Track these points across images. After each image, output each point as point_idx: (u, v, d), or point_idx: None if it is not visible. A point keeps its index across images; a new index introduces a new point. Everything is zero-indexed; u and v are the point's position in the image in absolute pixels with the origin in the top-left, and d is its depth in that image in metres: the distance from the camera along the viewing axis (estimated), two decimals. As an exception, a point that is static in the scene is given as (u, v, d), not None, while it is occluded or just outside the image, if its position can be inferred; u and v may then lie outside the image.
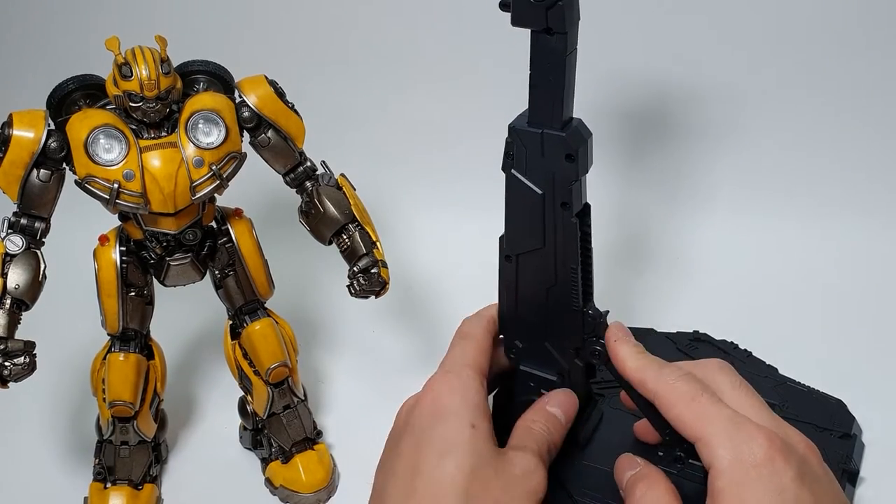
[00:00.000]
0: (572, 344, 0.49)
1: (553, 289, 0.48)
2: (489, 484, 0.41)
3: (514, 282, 0.49)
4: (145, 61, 0.50)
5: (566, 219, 0.45)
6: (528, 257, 0.48)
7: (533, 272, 0.48)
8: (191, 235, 0.55)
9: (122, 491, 0.59)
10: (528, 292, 0.49)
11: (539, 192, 0.45)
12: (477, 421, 0.44)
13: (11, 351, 0.50)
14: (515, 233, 0.47)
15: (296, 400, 0.62)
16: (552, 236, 0.46)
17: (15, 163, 0.50)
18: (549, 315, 0.49)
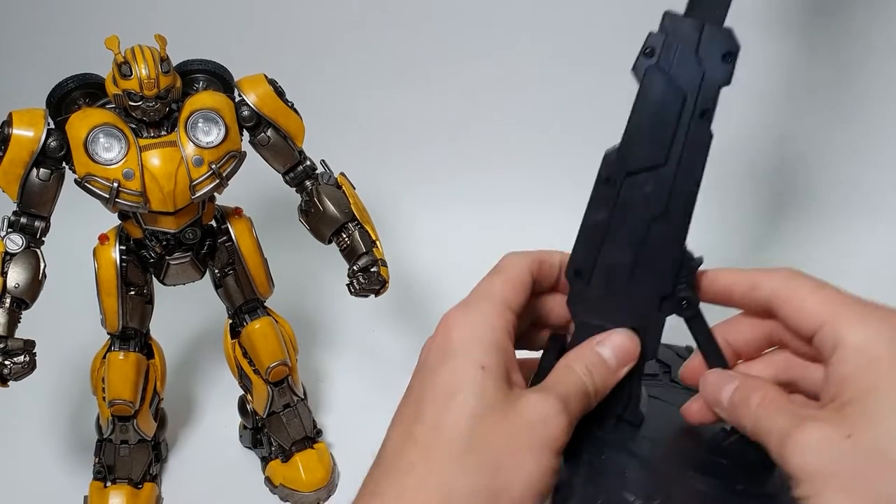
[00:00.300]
0: (660, 291, 0.42)
1: (657, 220, 0.42)
2: (495, 430, 0.37)
3: (609, 211, 0.42)
4: (145, 60, 0.50)
5: (702, 130, 0.40)
6: (637, 179, 0.42)
7: (637, 198, 0.42)
8: (190, 234, 0.55)
9: (121, 490, 0.60)
10: (624, 224, 0.42)
11: (682, 91, 0.40)
12: (488, 360, 0.39)
13: (11, 350, 0.50)
14: (634, 145, 0.41)
15: (295, 399, 0.62)
16: (678, 151, 0.41)
17: (15, 162, 0.50)
18: (640, 254, 0.42)
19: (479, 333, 0.39)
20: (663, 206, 0.41)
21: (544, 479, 0.36)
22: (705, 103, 0.40)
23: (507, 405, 0.37)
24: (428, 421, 0.38)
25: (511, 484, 0.36)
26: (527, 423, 0.37)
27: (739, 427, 0.38)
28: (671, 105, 0.40)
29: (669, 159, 0.41)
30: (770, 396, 0.37)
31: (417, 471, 0.36)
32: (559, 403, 0.38)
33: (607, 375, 0.41)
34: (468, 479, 0.36)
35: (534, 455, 0.36)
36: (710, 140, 0.40)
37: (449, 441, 0.37)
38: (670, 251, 0.41)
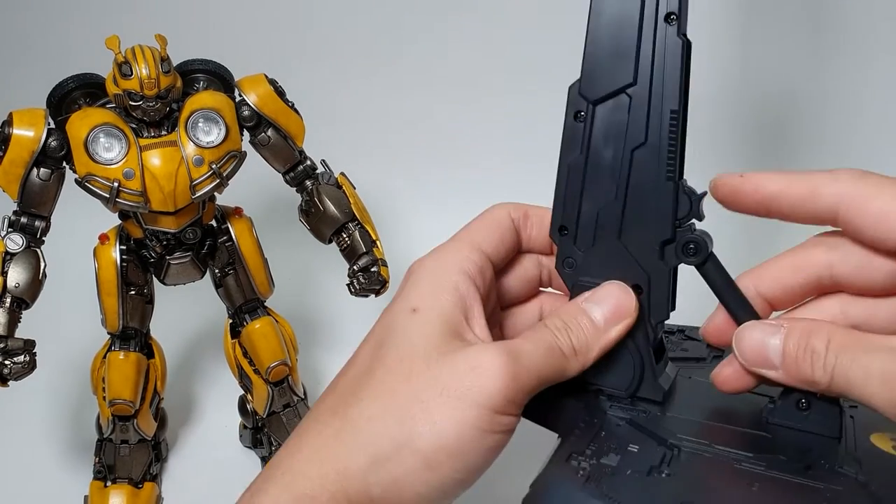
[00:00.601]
0: (659, 235, 0.36)
1: (639, 151, 0.36)
2: (412, 377, 0.33)
3: (585, 149, 0.37)
4: (145, 60, 0.50)
5: (672, 36, 0.35)
6: (608, 109, 0.36)
7: (613, 129, 0.36)
8: (191, 234, 0.55)
9: (122, 489, 0.59)
10: (603, 163, 0.37)
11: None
12: (424, 302, 0.35)
13: (11, 349, 0.50)
14: (596, 66, 0.36)
15: (296, 399, 0.62)
16: (648, 66, 0.35)
17: (15, 161, 0.50)
18: (628, 195, 0.36)
19: (428, 276, 0.36)
20: (643, 132, 0.36)
21: (466, 436, 0.32)
22: (668, 5, 0.35)
23: (437, 353, 0.34)
24: (351, 371, 0.36)
25: (417, 435, 0.32)
26: (451, 371, 0.33)
27: (806, 383, 0.31)
28: (628, 13, 0.35)
29: (639, 76, 0.35)
30: (841, 335, 0.31)
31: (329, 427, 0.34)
32: (502, 355, 0.33)
33: (591, 333, 0.36)
34: (371, 429, 0.33)
35: (451, 405, 0.32)
36: (686, 47, 0.35)
37: (361, 393, 0.34)
38: (662, 186, 0.36)
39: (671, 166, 0.36)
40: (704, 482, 0.32)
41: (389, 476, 0.32)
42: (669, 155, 0.35)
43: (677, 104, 0.35)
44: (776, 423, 0.35)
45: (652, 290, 0.37)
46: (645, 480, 0.32)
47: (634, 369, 0.37)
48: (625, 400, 0.37)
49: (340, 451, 0.33)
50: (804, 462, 0.32)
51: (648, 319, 0.37)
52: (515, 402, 0.33)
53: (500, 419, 0.33)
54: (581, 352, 0.36)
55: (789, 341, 0.32)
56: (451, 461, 0.32)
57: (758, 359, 0.33)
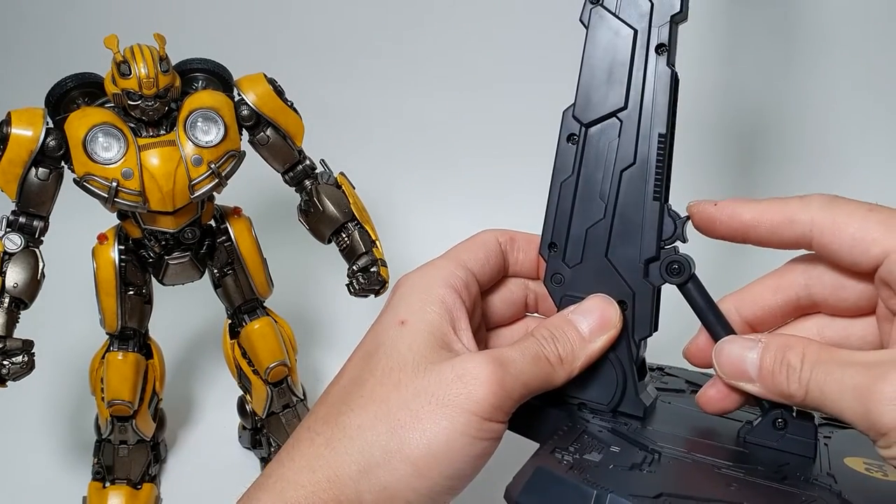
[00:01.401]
0: (644, 253, 0.38)
1: (628, 172, 0.38)
2: (400, 386, 0.34)
3: (576, 170, 0.39)
4: (144, 59, 0.50)
5: (661, 66, 0.38)
6: (600, 131, 0.39)
7: (604, 150, 0.39)
8: (189, 234, 0.55)
9: (120, 490, 0.59)
10: (594, 183, 0.39)
11: (631, 28, 0.38)
12: (412, 315, 0.36)
13: (10, 350, 0.49)
14: (590, 92, 0.39)
15: (295, 399, 0.62)
16: (638, 93, 0.38)
17: (13, 161, 0.50)
18: (616, 214, 0.39)
19: (414, 290, 0.37)
20: (633, 154, 0.38)
21: (455, 442, 0.33)
22: (661, 37, 0.38)
23: (425, 363, 0.35)
24: (342, 381, 0.37)
25: (407, 442, 0.33)
26: (439, 379, 0.34)
27: (783, 396, 0.32)
28: (622, 43, 0.38)
29: (629, 101, 0.38)
30: (815, 350, 0.31)
31: (320, 436, 0.35)
32: (490, 364, 0.34)
33: (578, 343, 0.37)
34: (362, 438, 0.34)
35: (440, 413, 0.33)
36: (674, 78, 0.38)
37: (352, 403, 0.35)
38: (649, 206, 0.38)
39: (658, 187, 0.38)
40: (685, 480, 0.33)
41: (380, 483, 0.33)
42: (657, 176, 0.38)
43: (665, 128, 0.38)
44: (753, 441, 0.36)
45: (636, 307, 0.39)
46: (627, 474, 0.33)
47: (617, 384, 0.39)
48: (606, 414, 0.39)
49: (332, 460, 0.34)
50: (781, 473, 0.34)
51: (632, 336, 0.39)
52: (503, 409, 0.34)
53: (488, 426, 0.34)
54: (567, 360, 0.37)
55: (766, 355, 0.33)
56: (441, 468, 0.33)
57: (735, 372, 0.34)
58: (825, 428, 0.39)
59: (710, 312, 0.37)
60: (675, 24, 0.38)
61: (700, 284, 0.38)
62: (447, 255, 0.40)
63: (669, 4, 0.38)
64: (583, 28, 0.40)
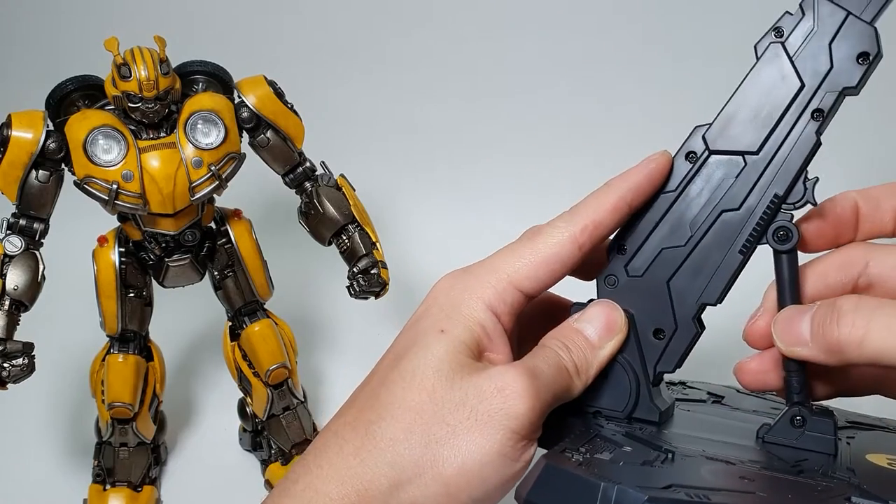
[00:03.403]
0: (704, 298, 0.38)
1: (728, 216, 0.37)
2: (435, 397, 0.33)
3: (681, 189, 0.38)
4: (144, 62, 0.50)
5: (810, 131, 0.36)
6: (721, 164, 0.38)
7: (716, 183, 0.38)
8: (190, 236, 0.55)
9: (121, 493, 0.59)
10: (690, 208, 0.38)
11: (800, 81, 0.36)
12: (451, 325, 0.35)
13: (10, 352, 0.49)
14: (731, 121, 0.38)
15: (295, 401, 0.62)
16: (776, 146, 0.37)
17: (14, 164, 0.50)
18: (697, 248, 0.38)
19: (456, 299, 0.36)
20: (741, 201, 0.37)
21: (490, 463, 0.32)
22: (822, 102, 0.36)
23: (462, 374, 0.33)
24: (370, 384, 0.35)
25: (441, 459, 0.32)
26: (478, 392, 0.33)
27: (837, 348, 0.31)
28: (784, 91, 0.37)
29: (763, 149, 0.37)
30: (871, 299, 0.31)
31: (349, 444, 0.34)
32: (526, 376, 0.33)
33: (587, 350, 0.36)
34: (394, 451, 0.33)
35: (478, 430, 0.32)
36: (816, 146, 0.36)
37: (382, 410, 0.33)
38: (731, 256, 0.37)
39: (748, 243, 0.37)
40: (696, 473, 0.33)
41: (409, 499, 0.32)
42: (752, 232, 0.37)
43: (783, 191, 0.37)
44: (772, 441, 0.36)
45: (673, 341, 0.38)
46: (637, 469, 0.32)
47: (630, 390, 0.38)
48: (622, 421, 0.38)
49: (362, 472, 0.33)
50: (798, 468, 0.33)
51: (656, 364, 0.38)
52: (536, 425, 0.34)
53: (522, 444, 0.33)
54: (582, 370, 0.37)
55: (818, 311, 0.33)
56: (471, 489, 0.32)
57: (791, 336, 0.34)
58: (847, 431, 0.39)
59: (791, 288, 0.37)
60: (843, 95, 0.36)
61: (796, 259, 0.37)
62: (498, 266, 0.37)
63: (848, 76, 0.36)
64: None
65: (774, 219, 0.37)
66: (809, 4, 0.37)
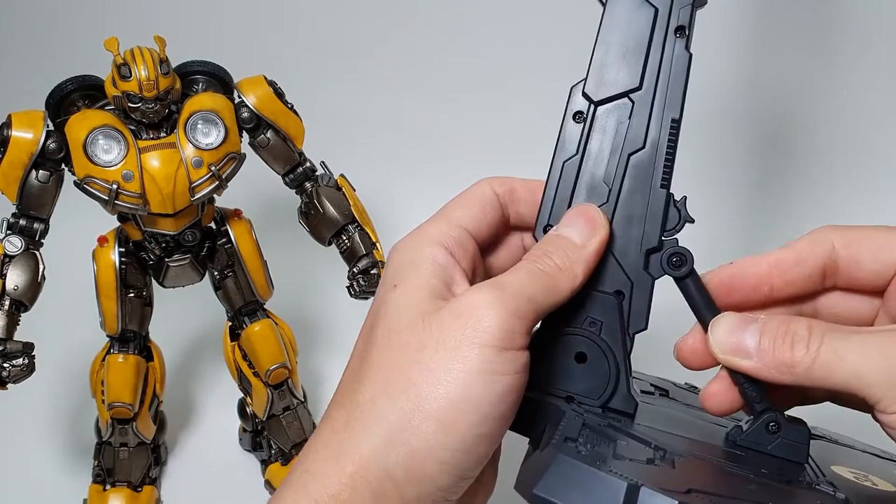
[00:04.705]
0: (646, 244, 0.37)
1: (637, 157, 0.37)
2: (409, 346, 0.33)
3: (581, 150, 0.38)
4: (144, 62, 0.50)
5: (679, 49, 0.37)
6: (610, 111, 0.37)
7: (612, 131, 0.37)
8: (190, 236, 0.55)
9: (121, 493, 0.59)
10: (598, 164, 0.37)
11: (652, 7, 0.37)
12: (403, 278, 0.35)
13: (10, 352, 0.49)
14: (603, 69, 0.37)
15: (295, 402, 0.62)
16: (654, 75, 0.37)
17: (14, 164, 0.50)
18: (620, 200, 0.37)
19: (405, 253, 0.36)
20: (643, 138, 0.37)
21: (473, 384, 0.31)
22: (682, 18, 0.37)
23: (424, 315, 0.33)
24: (352, 362, 0.35)
25: (424, 398, 0.31)
26: (440, 324, 0.32)
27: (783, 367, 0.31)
28: (641, 21, 0.37)
29: (644, 83, 0.37)
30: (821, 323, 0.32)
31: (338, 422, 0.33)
32: (486, 288, 0.32)
33: (572, 251, 0.35)
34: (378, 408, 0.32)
35: (451, 357, 0.31)
36: (689, 60, 0.37)
37: (361, 380, 0.33)
38: (655, 193, 0.37)
39: (667, 174, 0.37)
40: (706, 477, 0.32)
41: (406, 450, 0.31)
42: (666, 162, 0.36)
43: (678, 113, 0.37)
44: (745, 445, 0.35)
45: (633, 298, 0.37)
46: (648, 468, 0.31)
47: (609, 376, 0.37)
48: (596, 410, 0.37)
49: (353, 441, 0.32)
50: (784, 476, 0.33)
51: (626, 329, 0.37)
52: (515, 332, 0.32)
53: (504, 356, 0.32)
54: (566, 268, 0.35)
55: (767, 327, 0.32)
56: (466, 416, 0.31)
57: (733, 346, 0.33)
58: None
59: (707, 309, 0.36)
60: (695, 7, 0.37)
61: (699, 279, 0.36)
62: (438, 215, 0.38)
63: None
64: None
65: (675, 145, 0.37)
66: None
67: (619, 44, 0.37)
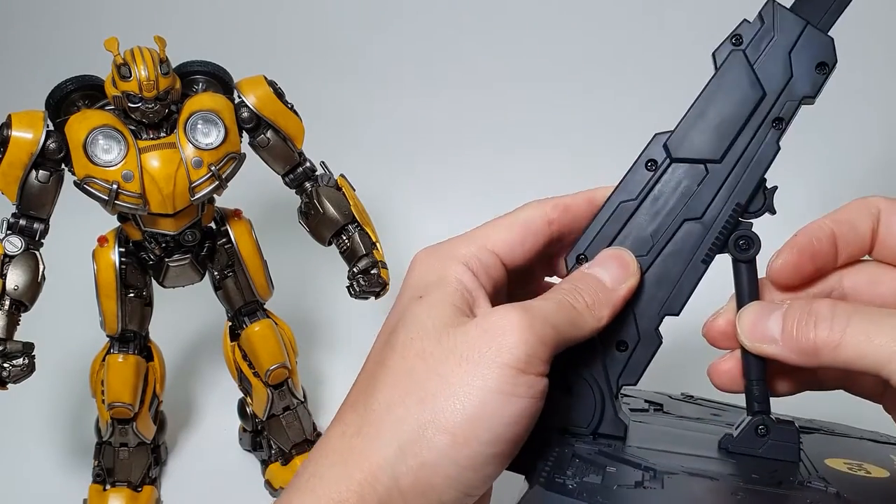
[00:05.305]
0: (666, 309, 0.38)
1: (690, 225, 0.37)
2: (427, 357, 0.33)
3: (642, 197, 0.38)
4: (144, 62, 0.50)
5: (771, 139, 0.37)
6: (682, 172, 0.38)
7: (678, 192, 0.37)
8: (190, 236, 0.55)
9: (121, 493, 0.59)
10: (651, 217, 0.38)
11: (762, 89, 0.37)
12: (428, 291, 0.35)
13: (10, 352, 0.50)
14: (692, 130, 0.37)
15: (295, 402, 0.62)
16: (737, 154, 0.37)
17: (14, 164, 0.50)
18: (658, 258, 0.38)
19: (431, 267, 0.36)
20: (703, 210, 0.37)
21: (490, 402, 0.31)
22: (782, 111, 0.37)
23: (448, 328, 0.33)
24: (367, 365, 0.35)
25: (440, 411, 0.31)
26: (465, 338, 0.32)
27: (808, 350, 0.32)
28: (746, 99, 0.37)
29: (726, 159, 0.37)
30: (846, 304, 0.32)
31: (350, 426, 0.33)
32: (515, 310, 0.32)
33: (602, 291, 0.35)
34: (393, 417, 0.32)
35: (471, 373, 0.31)
36: (776, 154, 0.37)
37: (378, 384, 0.33)
38: (694, 266, 0.37)
39: (711, 252, 0.37)
40: (692, 495, 0.32)
41: (417, 461, 0.31)
42: (716, 241, 0.37)
43: (745, 199, 0.37)
44: (737, 451, 0.36)
45: (636, 353, 0.38)
46: (634, 493, 0.31)
47: (595, 404, 0.37)
48: (587, 437, 0.37)
49: (365, 448, 0.32)
50: (775, 479, 0.33)
51: (618, 378, 0.38)
52: (537, 358, 0.32)
53: (523, 379, 0.31)
54: (594, 307, 0.35)
55: (790, 311, 0.33)
56: (478, 433, 0.31)
57: (758, 333, 0.34)
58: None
59: (750, 296, 0.36)
60: (800, 104, 0.37)
61: (755, 267, 0.37)
62: (475, 235, 0.38)
63: (807, 85, 0.36)
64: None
65: (736, 228, 0.37)
66: (769, 13, 0.37)
67: (717, 111, 0.37)
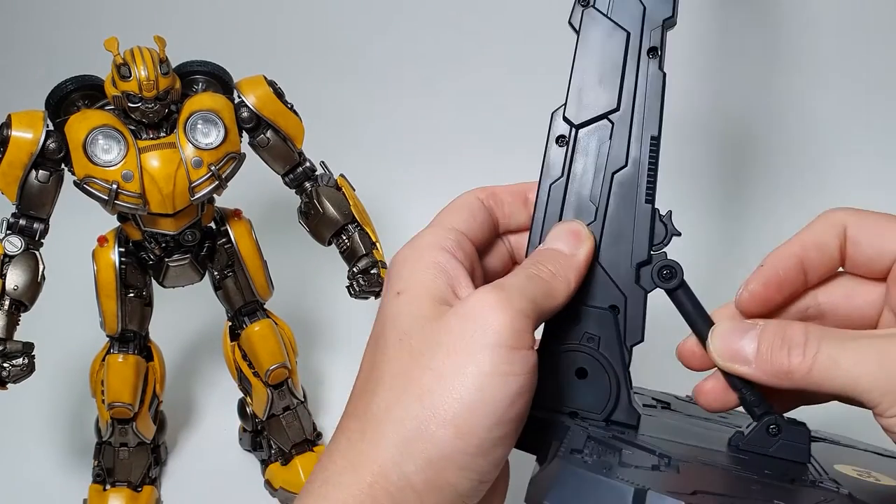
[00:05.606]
0: (635, 258, 0.38)
1: (620, 175, 0.38)
2: (414, 353, 0.33)
3: (566, 172, 0.39)
4: (144, 62, 0.50)
5: (653, 68, 0.38)
6: (591, 133, 0.39)
7: (595, 152, 0.39)
8: (190, 236, 0.55)
9: (121, 493, 0.59)
10: (583, 184, 0.39)
11: (624, 31, 0.39)
12: (404, 284, 0.35)
13: (10, 352, 0.50)
14: (581, 93, 0.39)
15: (295, 401, 0.62)
16: (630, 95, 0.39)
17: (13, 164, 0.50)
18: (607, 218, 0.38)
19: (406, 261, 0.36)
20: (625, 156, 0.38)
21: (487, 386, 0.31)
22: (653, 40, 0.39)
23: (431, 320, 0.33)
24: (362, 373, 0.35)
25: (438, 405, 0.31)
26: (448, 329, 0.32)
27: (781, 374, 0.32)
28: (615, 45, 0.39)
29: (622, 104, 0.39)
30: (817, 328, 0.32)
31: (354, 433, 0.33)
32: (490, 291, 0.32)
33: (563, 259, 0.36)
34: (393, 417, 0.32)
35: (463, 361, 0.31)
36: (664, 79, 0.38)
37: (374, 389, 0.33)
38: (640, 209, 0.38)
39: (650, 190, 0.38)
40: (712, 481, 0.32)
41: (424, 458, 0.31)
42: (649, 179, 0.38)
43: (657, 130, 0.38)
44: (747, 449, 0.36)
45: (628, 312, 0.38)
46: (653, 474, 0.32)
47: (610, 390, 0.38)
48: (599, 423, 0.38)
49: (371, 451, 0.32)
50: (788, 476, 0.33)
51: (624, 342, 0.38)
52: (523, 331, 0.32)
53: (515, 355, 0.32)
54: (559, 274, 0.36)
55: (764, 334, 0.33)
56: (481, 419, 0.31)
57: (731, 353, 0.34)
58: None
59: (699, 318, 0.37)
60: (666, 28, 0.38)
61: (689, 290, 0.37)
62: (432, 223, 0.39)
63: (661, 9, 0.38)
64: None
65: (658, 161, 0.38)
66: None
67: (594, 68, 0.39)
